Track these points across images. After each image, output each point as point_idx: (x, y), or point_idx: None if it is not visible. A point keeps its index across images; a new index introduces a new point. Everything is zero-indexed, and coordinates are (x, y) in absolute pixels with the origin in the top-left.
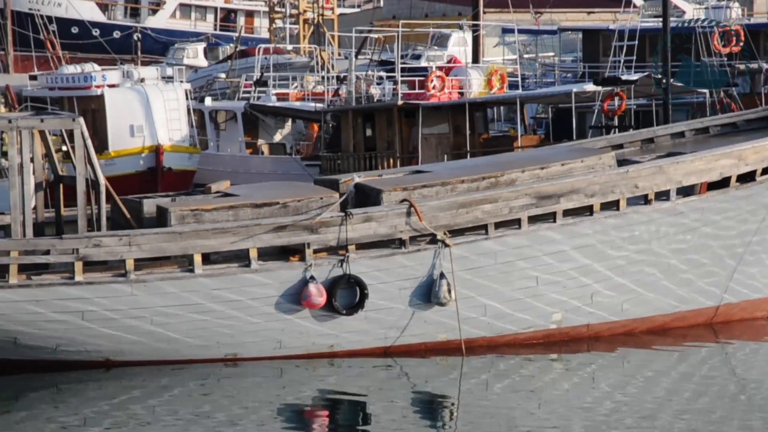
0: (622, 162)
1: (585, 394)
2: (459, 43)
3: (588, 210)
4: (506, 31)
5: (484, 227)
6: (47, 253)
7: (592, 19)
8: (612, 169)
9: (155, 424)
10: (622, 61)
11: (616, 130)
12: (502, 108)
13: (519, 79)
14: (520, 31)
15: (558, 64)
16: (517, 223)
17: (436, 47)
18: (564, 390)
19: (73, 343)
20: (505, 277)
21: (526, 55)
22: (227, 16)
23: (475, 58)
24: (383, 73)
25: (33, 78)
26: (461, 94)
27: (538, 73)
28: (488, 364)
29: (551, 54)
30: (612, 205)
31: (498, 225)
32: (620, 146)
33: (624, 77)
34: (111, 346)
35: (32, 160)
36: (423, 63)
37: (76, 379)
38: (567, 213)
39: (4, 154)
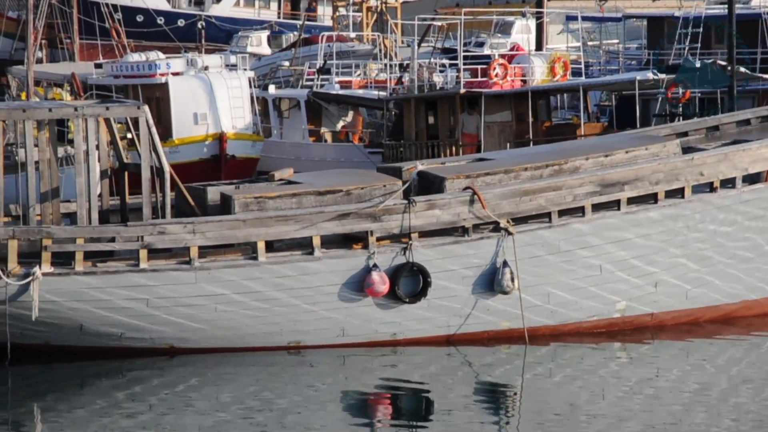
0: (686, 150)
1: (649, 383)
2: (522, 31)
3: (652, 198)
4: (570, 18)
5: (548, 215)
6: (112, 240)
7: (657, 6)
8: (677, 157)
9: (219, 412)
10: (686, 48)
11: (681, 117)
12: (565, 96)
13: (582, 66)
14: (584, 18)
15: (622, 52)
16: (580, 211)
17: (499, 35)
18: (627, 379)
19: (138, 330)
20: (568, 265)
21: (589, 43)
22: (296, 4)
23: (539, 46)
24: (446, 61)
25: (98, 66)
26: (524, 81)
27: (602, 61)
28: (551, 353)
29: (615, 41)
30: (677, 193)
31: (561, 213)
32: (685, 134)
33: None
34: (175, 333)
35: (97, 147)
36: (486, 51)
37: (140, 366)
38: (631, 201)
39: (70, 142)
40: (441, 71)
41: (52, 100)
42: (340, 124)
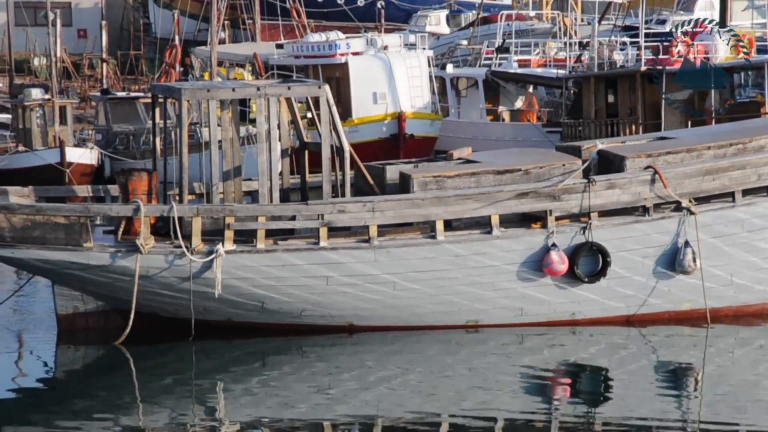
0: None
1: None
2: (706, 7)
3: None
4: None
5: (731, 194)
6: (293, 218)
7: None
8: None
9: (397, 388)
10: None
11: None
12: (749, 73)
13: None
14: None
15: None
16: (765, 190)
17: (681, 11)
18: None
19: (318, 307)
20: (752, 245)
21: None
22: None
23: (722, 23)
24: (627, 39)
25: (279, 46)
26: (707, 59)
27: None
28: (734, 335)
29: None
30: None
31: (746, 192)
32: None
33: None
34: (354, 311)
35: (278, 126)
36: (668, 28)
37: (320, 343)
38: None
39: (252, 122)
40: (621, 49)
41: (234, 80)
42: (518, 103)
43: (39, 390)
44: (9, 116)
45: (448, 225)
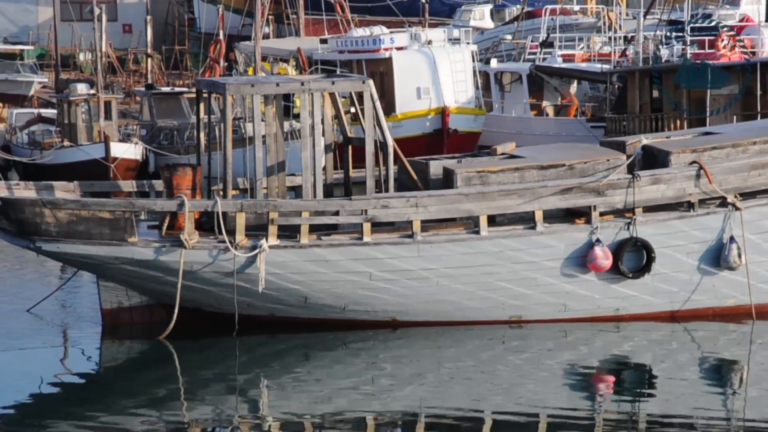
0: None
1: None
2: (752, 1)
3: None
4: None
5: None
6: (336, 214)
7: None
8: None
9: (440, 385)
10: None
11: None
12: None
13: None
14: None
15: None
16: None
17: (727, 6)
18: None
19: (361, 302)
20: None
21: None
22: None
23: None
24: (672, 33)
25: (323, 41)
26: (753, 53)
27: None
28: None
29: None
30: None
31: None
32: None
33: None
34: (397, 306)
35: (322, 122)
36: (714, 22)
37: (363, 338)
38: None
39: (296, 117)
40: (667, 44)
41: (278, 75)
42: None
43: (83, 384)
44: (55, 111)
45: (492, 220)
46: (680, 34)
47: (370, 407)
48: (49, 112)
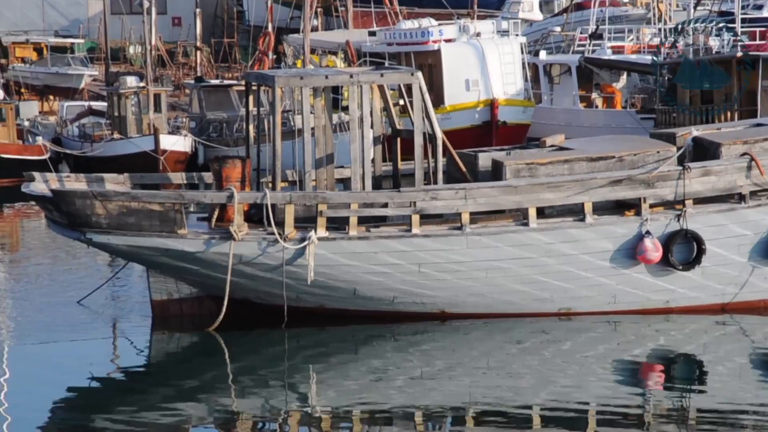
0: None
1: None
2: None
3: None
4: None
5: None
6: (385, 205)
7: None
8: None
9: (490, 377)
10: None
11: None
12: None
13: None
14: None
15: None
16: None
17: None
18: None
19: (410, 294)
20: None
21: None
22: None
23: None
24: (722, 24)
25: (372, 34)
26: None
27: None
28: None
29: None
30: None
31: None
32: None
33: None
34: (446, 298)
35: (371, 114)
36: (765, 13)
37: (412, 331)
38: None
39: (345, 109)
40: (717, 35)
41: (327, 67)
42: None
43: (133, 376)
44: (105, 104)
45: (541, 212)
46: (731, 25)
47: (418, 400)
48: (100, 105)
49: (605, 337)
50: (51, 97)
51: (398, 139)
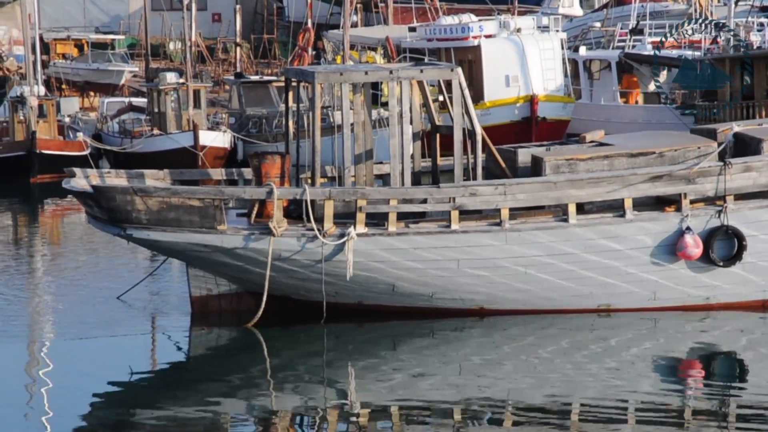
0: None
1: None
2: None
3: None
4: None
5: None
6: (424, 201)
7: None
8: None
9: (529, 373)
10: None
11: None
12: None
13: None
14: None
15: None
16: None
17: None
18: None
19: (448, 290)
20: None
21: None
22: None
23: None
24: (764, 20)
25: (412, 30)
26: None
27: None
28: None
29: None
30: None
31: None
32: None
33: None
34: (485, 294)
35: (410, 110)
36: None
37: (450, 327)
38: None
39: (384, 105)
40: (758, 30)
41: (366, 63)
42: (651, 86)
43: (172, 371)
44: (145, 100)
45: (581, 208)
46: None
47: (457, 396)
48: (140, 101)
49: (645, 333)
50: (91, 93)
51: (437, 135)
